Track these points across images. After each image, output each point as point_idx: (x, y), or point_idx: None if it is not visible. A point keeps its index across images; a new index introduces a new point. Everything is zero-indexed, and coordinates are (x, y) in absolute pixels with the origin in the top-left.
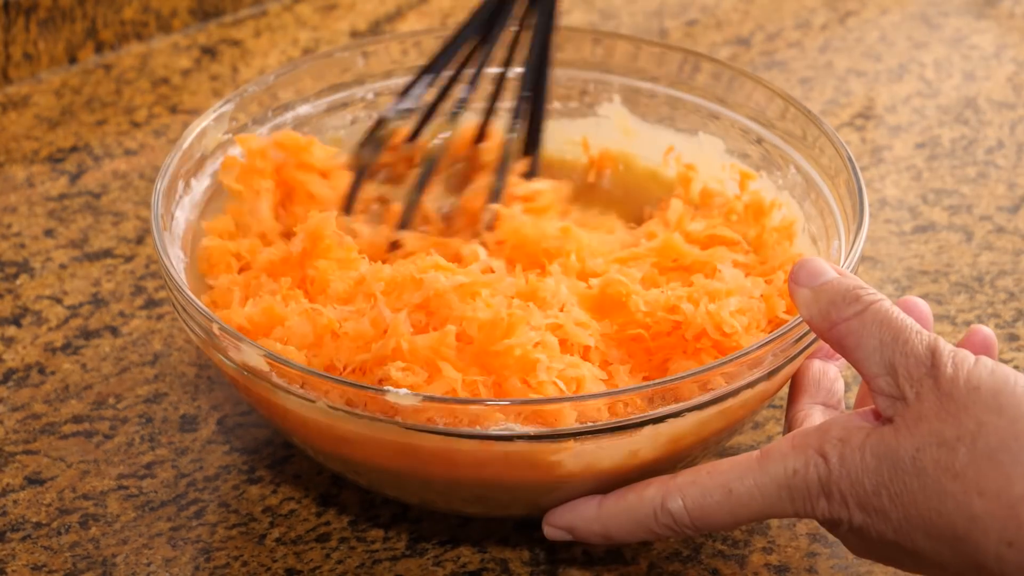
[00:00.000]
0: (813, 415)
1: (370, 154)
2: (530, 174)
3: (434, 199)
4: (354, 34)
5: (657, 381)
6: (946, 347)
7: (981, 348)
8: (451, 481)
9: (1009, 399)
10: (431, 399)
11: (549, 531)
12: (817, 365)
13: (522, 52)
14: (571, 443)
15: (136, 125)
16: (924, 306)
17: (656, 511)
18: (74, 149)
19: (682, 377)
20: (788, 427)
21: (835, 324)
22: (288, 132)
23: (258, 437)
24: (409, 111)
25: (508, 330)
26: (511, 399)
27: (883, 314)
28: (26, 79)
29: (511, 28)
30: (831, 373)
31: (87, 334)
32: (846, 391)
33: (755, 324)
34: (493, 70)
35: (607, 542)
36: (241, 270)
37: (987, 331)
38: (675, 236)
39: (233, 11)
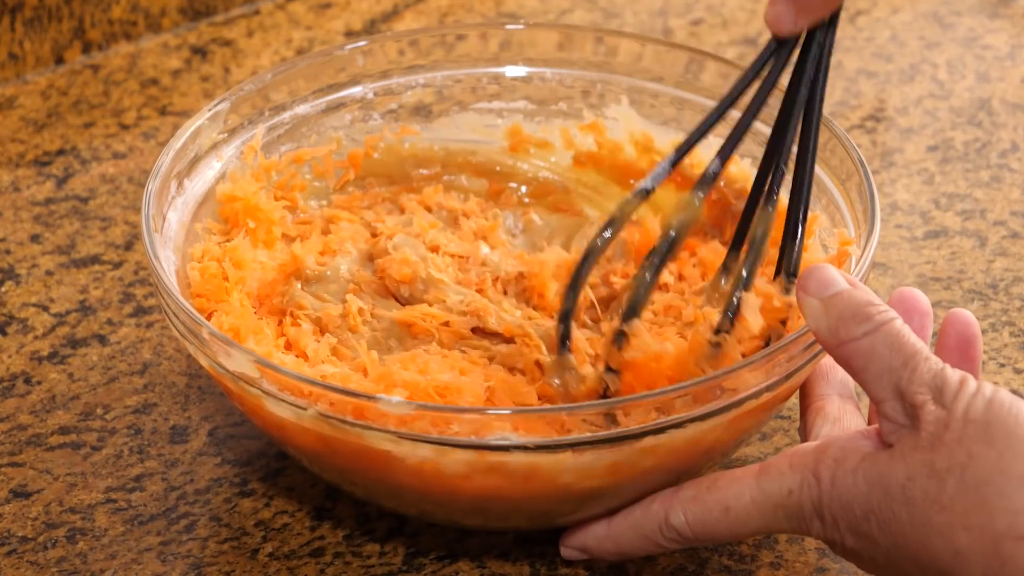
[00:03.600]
0: (828, 407)
1: (603, 240)
2: (791, 273)
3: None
4: (349, 33)
5: (659, 391)
6: (953, 376)
7: (961, 340)
8: (447, 492)
9: (1000, 431)
10: (424, 407)
11: (565, 551)
12: (827, 359)
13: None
14: (568, 454)
15: (125, 127)
16: (923, 299)
17: (661, 526)
18: (61, 152)
19: (684, 387)
20: (802, 416)
21: (844, 342)
22: None
23: (250, 449)
24: (647, 192)
25: None
26: (510, 407)
27: (894, 337)
28: (11, 80)
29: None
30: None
31: (74, 343)
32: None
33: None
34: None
35: (620, 558)
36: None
37: (967, 319)
38: None
39: (225, 10)
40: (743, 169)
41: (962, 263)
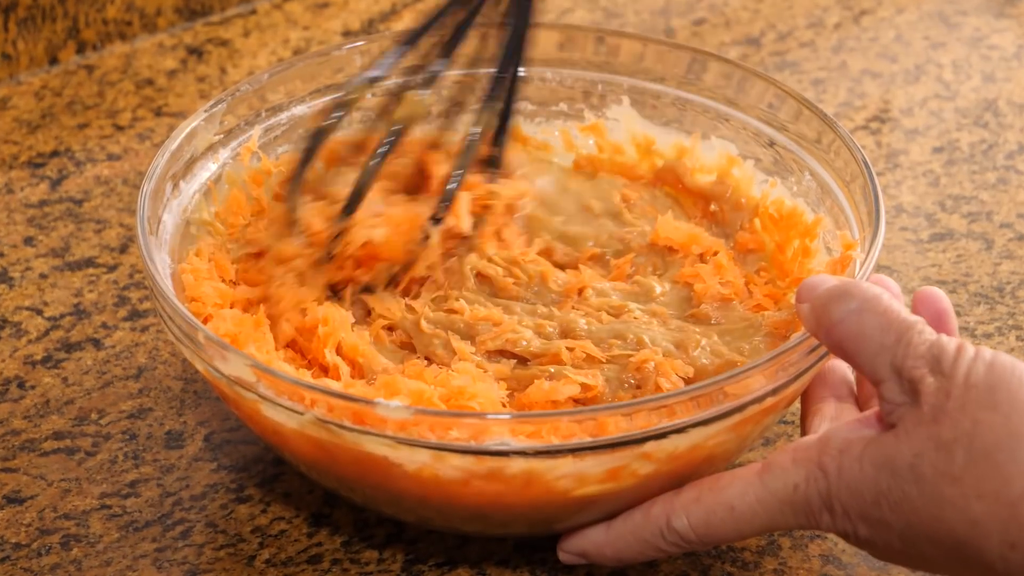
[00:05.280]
0: (826, 408)
1: (332, 122)
2: (493, 164)
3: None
4: (347, 33)
5: (660, 396)
6: (949, 344)
7: (933, 316)
8: (446, 498)
9: (1005, 394)
10: (422, 412)
11: (563, 556)
12: (827, 364)
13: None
14: (568, 459)
15: (120, 128)
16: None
17: (662, 530)
18: (55, 154)
19: (686, 392)
20: (802, 420)
21: (832, 326)
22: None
23: (247, 454)
24: (378, 79)
25: None
26: (509, 412)
27: (882, 314)
28: (5, 81)
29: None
30: (840, 367)
31: (68, 347)
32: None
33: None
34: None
35: (620, 564)
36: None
37: (936, 294)
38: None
39: (221, 10)
40: (746, 173)
41: (968, 266)
